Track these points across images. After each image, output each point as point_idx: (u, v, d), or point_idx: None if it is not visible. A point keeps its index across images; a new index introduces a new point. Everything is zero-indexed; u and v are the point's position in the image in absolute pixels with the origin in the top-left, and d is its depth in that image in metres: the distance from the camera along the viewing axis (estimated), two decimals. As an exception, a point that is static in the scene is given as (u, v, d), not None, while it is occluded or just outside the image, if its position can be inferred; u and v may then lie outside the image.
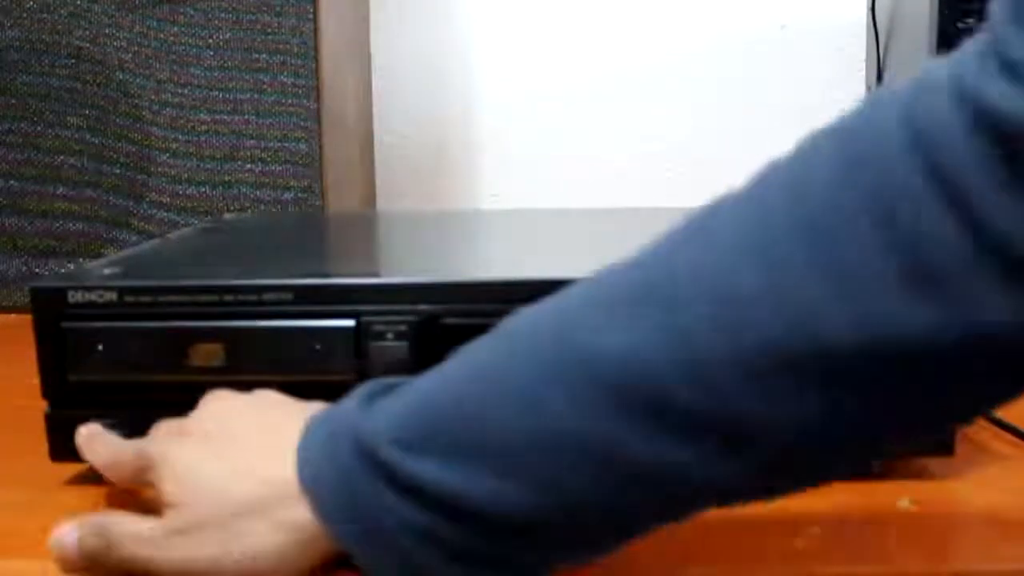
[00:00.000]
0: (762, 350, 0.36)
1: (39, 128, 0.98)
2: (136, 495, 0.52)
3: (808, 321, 0.35)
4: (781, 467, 0.38)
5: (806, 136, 0.38)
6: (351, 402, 0.43)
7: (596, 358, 0.38)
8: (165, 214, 0.98)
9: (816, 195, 0.36)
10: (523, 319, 0.42)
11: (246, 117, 0.97)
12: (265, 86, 0.97)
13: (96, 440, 0.52)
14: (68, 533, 0.46)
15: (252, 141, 0.97)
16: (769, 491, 0.40)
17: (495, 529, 0.40)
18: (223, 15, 0.96)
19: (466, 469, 0.39)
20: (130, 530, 0.45)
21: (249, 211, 0.97)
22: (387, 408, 0.42)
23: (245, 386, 0.55)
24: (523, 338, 0.41)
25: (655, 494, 0.39)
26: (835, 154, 0.36)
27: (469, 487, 0.39)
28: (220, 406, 0.49)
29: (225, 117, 0.97)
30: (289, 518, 0.42)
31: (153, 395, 0.56)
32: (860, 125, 0.37)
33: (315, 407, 0.46)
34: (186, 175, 0.98)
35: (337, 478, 0.41)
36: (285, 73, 0.97)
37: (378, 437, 0.41)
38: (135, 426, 0.56)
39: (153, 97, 0.98)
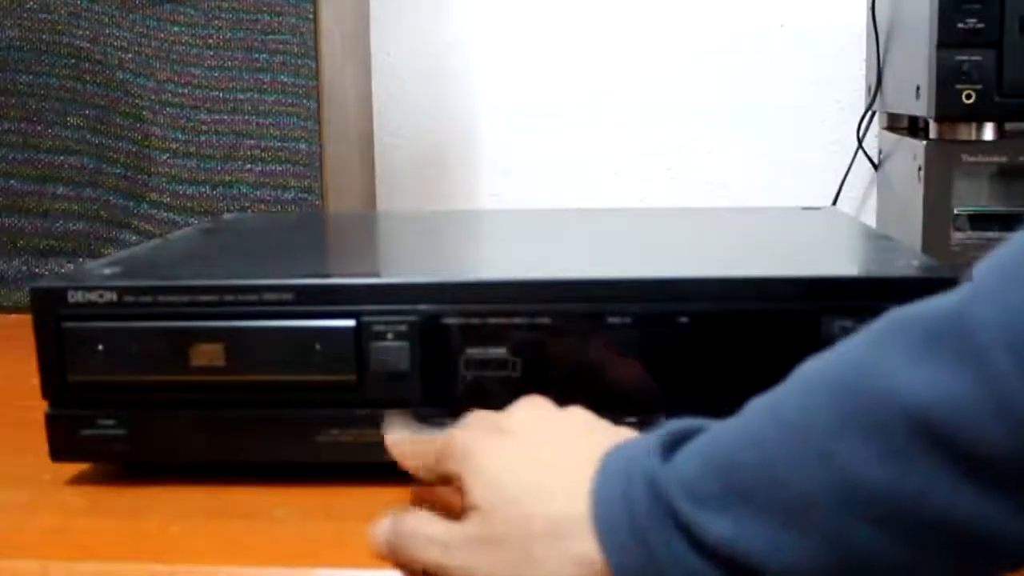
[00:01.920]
0: None
1: (39, 128, 0.98)
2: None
3: None
4: None
5: None
6: (650, 444, 0.43)
7: (898, 404, 0.36)
8: (165, 214, 0.98)
9: None
10: (817, 366, 0.41)
11: (246, 117, 0.97)
12: (265, 86, 0.97)
13: (405, 438, 0.52)
14: (378, 527, 0.48)
15: (252, 141, 0.97)
16: None
17: None
18: (223, 15, 0.96)
19: (759, 524, 0.39)
20: (424, 531, 0.46)
21: (249, 211, 0.97)
22: (685, 456, 0.42)
23: (245, 386, 0.56)
24: (818, 385, 0.40)
25: (950, 549, 0.37)
26: None
27: (760, 543, 0.39)
28: (536, 415, 0.49)
29: (225, 117, 0.97)
30: (581, 551, 0.42)
31: (153, 395, 0.56)
32: None
33: (621, 434, 0.46)
34: (186, 175, 0.98)
35: (628, 520, 0.41)
36: (285, 73, 0.97)
37: (673, 487, 0.40)
38: (135, 426, 0.56)
39: (153, 97, 0.98)
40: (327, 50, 0.98)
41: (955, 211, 0.90)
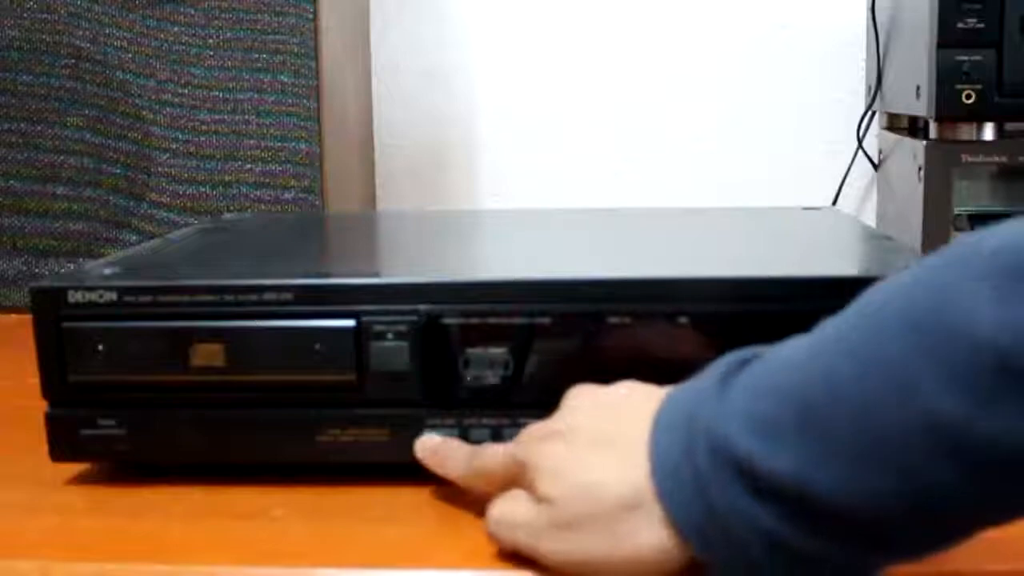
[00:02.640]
0: None
1: (39, 128, 0.98)
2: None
3: None
4: None
5: None
6: (708, 385, 0.42)
7: (990, 347, 0.35)
8: (165, 214, 0.98)
9: None
10: (887, 297, 0.39)
11: (246, 117, 0.97)
12: (265, 86, 0.97)
13: (446, 451, 0.53)
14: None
15: (252, 141, 0.97)
16: None
17: (840, 523, 0.38)
18: (223, 15, 0.96)
19: (827, 458, 0.37)
20: (511, 517, 0.46)
21: (249, 211, 0.97)
22: (742, 389, 0.41)
23: (245, 386, 0.56)
24: (895, 320, 0.38)
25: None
26: None
27: (824, 477, 0.37)
28: (582, 403, 0.49)
29: (225, 117, 0.97)
30: (657, 516, 0.42)
31: (153, 395, 0.56)
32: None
33: (670, 390, 0.45)
34: (186, 175, 0.98)
35: (691, 474, 0.40)
36: (285, 73, 0.97)
37: (732, 424, 0.39)
38: (135, 426, 0.56)
39: (153, 97, 0.98)
40: (327, 50, 0.98)
41: (955, 211, 0.90)
